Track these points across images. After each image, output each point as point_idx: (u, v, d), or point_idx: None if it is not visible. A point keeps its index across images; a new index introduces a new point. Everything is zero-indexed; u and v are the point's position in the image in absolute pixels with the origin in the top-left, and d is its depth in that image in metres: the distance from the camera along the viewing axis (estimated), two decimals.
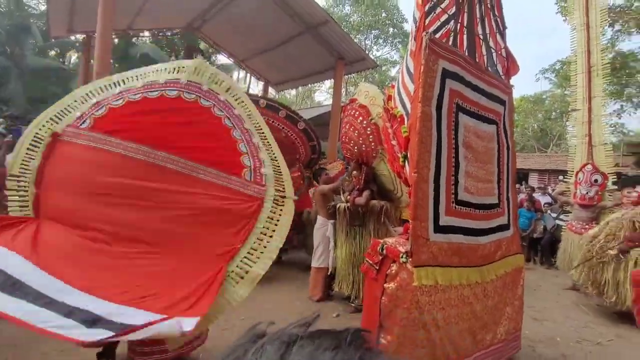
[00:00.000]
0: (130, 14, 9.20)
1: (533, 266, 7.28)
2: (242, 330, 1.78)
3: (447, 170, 2.44)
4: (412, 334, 2.25)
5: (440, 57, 2.41)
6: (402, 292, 2.29)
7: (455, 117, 2.54)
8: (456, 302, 2.46)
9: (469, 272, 2.55)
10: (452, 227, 2.45)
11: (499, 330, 2.80)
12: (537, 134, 24.90)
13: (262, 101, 4.64)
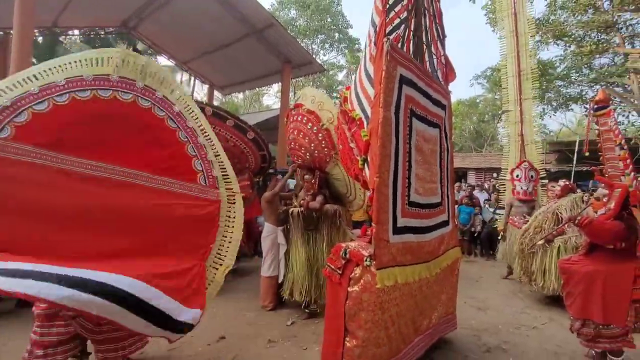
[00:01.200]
0: (54, 10, 8.37)
1: (474, 259, 7.75)
2: (190, 347, 1.62)
3: (402, 174, 2.52)
4: (376, 335, 2.32)
5: (399, 63, 2.48)
6: (367, 295, 2.33)
7: (410, 121, 2.63)
8: (406, 297, 2.59)
9: (420, 269, 2.68)
10: (406, 227, 2.55)
11: (434, 316, 3.02)
12: (472, 135, 26.83)
13: (208, 109, 4.42)
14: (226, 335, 3.42)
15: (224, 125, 4.46)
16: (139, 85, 2.61)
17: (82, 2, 8.09)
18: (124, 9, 9.12)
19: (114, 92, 2.52)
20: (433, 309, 3.02)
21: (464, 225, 7.77)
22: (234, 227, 2.75)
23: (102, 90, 2.48)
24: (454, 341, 3.48)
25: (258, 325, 3.75)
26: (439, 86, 3.17)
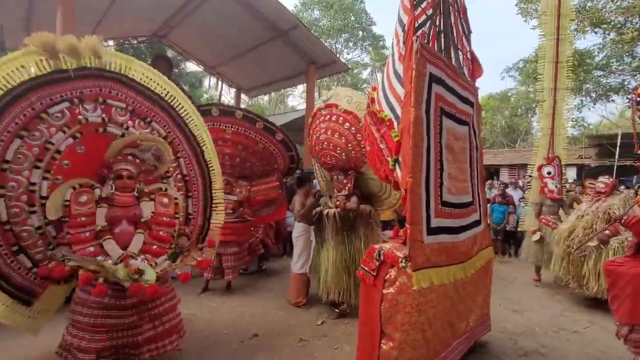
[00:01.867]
0: (91, 24, 8.83)
1: (508, 259, 7.49)
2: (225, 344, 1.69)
3: (434, 173, 2.48)
4: (412, 337, 2.30)
5: (428, 61, 2.44)
6: (403, 297, 2.32)
7: (440, 120, 2.59)
8: (442, 299, 2.55)
9: (455, 270, 2.63)
10: (440, 227, 2.51)
11: (471, 318, 2.96)
12: (504, 130, 25.89)
13: (239, 112, 4.53)
14: (259, 334, 3.50)
15: (254, 128, 4.55)
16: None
17: (116, 15, 8.48)
18: (155, 19, 9.48)
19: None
20: (470, 311, 2.97)
21: (497, 225, 7.53)
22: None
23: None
24: (488, 344, 3.39)
25: (289, 324, 3.81)
26: (466, 83, 3.10)
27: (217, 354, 3.10)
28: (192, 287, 4.60)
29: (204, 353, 3.12)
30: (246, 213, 4.90)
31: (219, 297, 4.56)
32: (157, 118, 3.00)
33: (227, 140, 4.56)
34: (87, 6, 7.19)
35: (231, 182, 4.92)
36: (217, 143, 4.56)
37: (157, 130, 2.99)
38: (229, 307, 4.24)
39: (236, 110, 4.57)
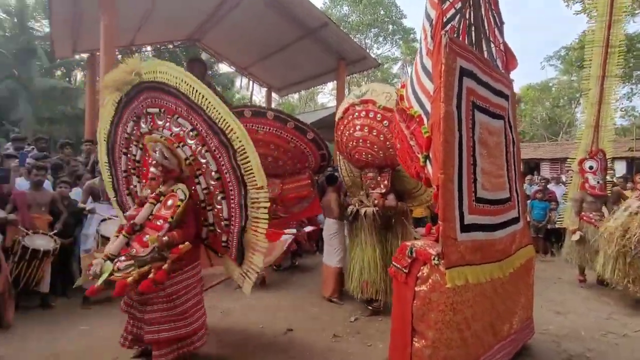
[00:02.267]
0: (131, 31, 9.31)
1: (551, 258, 7.14)
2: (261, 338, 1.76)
3: (467, 169, 2.42)
4: (447, 336, 2.26)
5: (458, 55, 2.38)
6: (436, 295, 2.28)
7: (472, 115, 2.52)
8: (480, 299, 2.48)
9: (492, 268, 2.55)
10: (474, 224, 2.44)
11: (515, 320, 2.84)
12: (545, 122, 24.51)
13: (270, 113, 4.62)
14: (293, 329, 3.58)
15: (285, 128, 4.61)
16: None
17: (153, 22, 8.88)
18: (189, 24, 9.84)
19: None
20: (512, 312, 2.85)
21: (538, 222, 7.19)
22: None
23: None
24: (531, 347, 3.26)
25: (322, 320, 3.85)
26: (500, 75, 2.98)
27: (254, 347, 3.20)
28: (228, 282, 4.76)
29: (240, 345, 3.23)
30: (278, 210, 4.99)
31: (253, 292, 4.65)
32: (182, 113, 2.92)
33: (259, 140, 4.65)
34: (127, 15, 7.58)
35: None
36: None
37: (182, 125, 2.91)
38: (263, 302, 4.35)
39: (268, 111, 4.66)
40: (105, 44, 6.27)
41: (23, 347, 3.08)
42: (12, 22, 16.23)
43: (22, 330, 3.42)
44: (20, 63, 14.92)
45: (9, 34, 15.97)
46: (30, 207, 3.97)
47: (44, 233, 3.90)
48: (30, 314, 3.82)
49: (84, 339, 3.27)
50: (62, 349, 3.07)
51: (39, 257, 3.65)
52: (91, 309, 3.97)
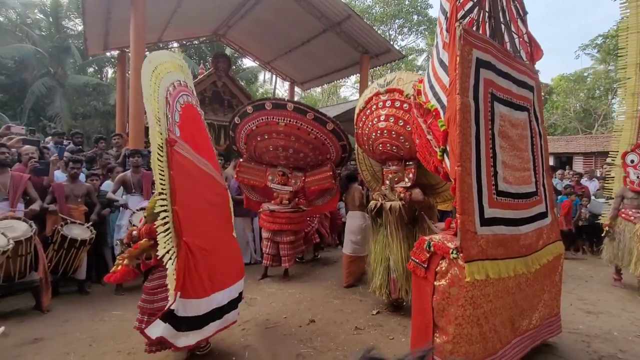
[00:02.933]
0: (159, 28, 9.56)
1: (582, 256, 6.87)
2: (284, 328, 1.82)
3: (486, 162, 2.38)
4: (468, 331, 2.23)
5: (474, 46, 2.35)
6: (456, 289, 2.25)
7: (491, 106, 2.48)
8: (502, 294, 2.43)
9: (515, 263, 2.51)
10: (495, 218, 2.40)
11: (535, 317, 2.78)
12: (579, 114, 23.34)
13: (290, 105, 4.65)
14: (315, 320, 3.63)
15: (305, 119, 4.63)
16: (188, 86, 3.09)
17: (180, 20, 9.08)
18: (214, 20, 10.00)
19: (188, 97, 2.98)
20: (534, 309, 2.79)
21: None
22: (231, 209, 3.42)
23: (188, 96, 2.98)
24: (558, 346, 3.18)
25: (344, 312, 3.89)
26: (523, 67, 2.90)
27: (277, 336, 3.28)
28: (252, 273, 4.89)
29: (265, 333, 3.32)
30: (301, 203, 5.05)
31: (276, 284, 4.78)
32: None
33: (280, 132, 4.69)
34: (156, 13, 7.80)
35: (286, 174, 5.10)
36: (272, 135, 4.73)
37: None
38: (286, 294, 4.43)
39: (287, 103, 4.69)
40: (135, 42, 6.49)
41: (62, 330, 3.29)
42: (48, 21, 17.02)
43: (61, 314, 3.64)
44: (56, 61, 15.65)
45: (45, 33, 16.76)
46: (67, 198, 4.20)
47: (80, 223, 4.12)
48: (68, 299, 4.06)
49: (117, 322, 3.45)
50: (98, 332, 3.25)
51: (77, 246, 3.86)
52: (124, 295, 4.18)
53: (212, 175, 3.04)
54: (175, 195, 2.28)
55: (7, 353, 2.81)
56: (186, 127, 2.70)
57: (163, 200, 2.24)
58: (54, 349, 2.94)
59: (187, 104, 2.89)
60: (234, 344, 3.11)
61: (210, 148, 3.27)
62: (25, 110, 14.43)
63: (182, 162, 2.47)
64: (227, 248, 2.98)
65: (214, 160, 3.24)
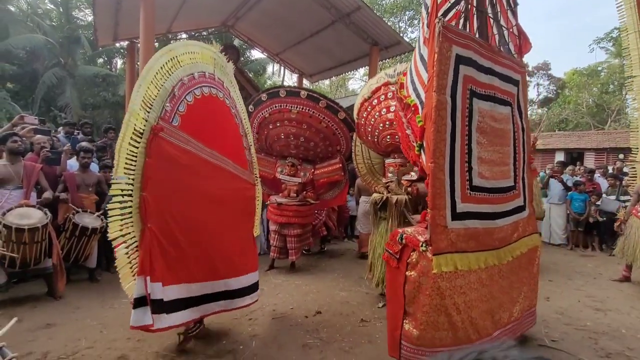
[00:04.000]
0: (168, 19, 9.55)
1: (592, 253, 6.80)
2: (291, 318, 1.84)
3: (460, 158, 2.46)
4: (434, 319, 2.33)
5: (454, 42, 2.38)
6: (425, 279, 2.36)
7: (470, 103, 2.52)
8: (476, 286, 2.50)
9: (487, 256, 2.58)
10: (468, 213, 2.48)
11: (515, 309, 2.83)
12: (592, 109, 22.92)
13: (303, 92, 4.66)
14: (321, 311, 3.66)
15: (317, 107, 4.62)
16: (225, 86, 3.06)
17: (189, 10, 9.05)
18: (222, 11, 9.95)
19: (217, 91, 2.94)
20: (514, 301, 2.83)
21: (579, 215, 6.86)
22: (257, 206, 3.48)
23: (211, 87, 2.88)
24: (565, 342, 3.17)
25: (350, 304, 3.91)
26: (509, 61, 2.89)
27: (284, 326, 3.32)
28: (260, 264, 4.92)
29: (272, 323, 3.36)
30: (309, 196, 5.06)
31: (283, 275, 4.82)
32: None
33: (292, 120, 4.70)
34: (165, 4, 7.79)
35: (296, 165, 5.09)
36: (284, 123, 4.74)
37: None
38: (293, 285, 4.47)
39: (301, 91, 4.70)
40: (144, 32, 6.49)
41: (73, 316, 3.36)
42: (58, 11, 17.11)
43: (72, 300, 3.73)
44: (66, 51, 15.75)
45: (55, 24, 16.86)
46: (78, 187, 4.26)
47: (91, 212, 4.18)
48: (79, 286, 4.14)
49: (126, 310, 3.49)
50: (108, 319, 3.32)
51: (88, 234, 3.93)
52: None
53: (228, 169, 2.97)
54: (147, 182, 2.29)
55: (21, 337, 2.89)
56: (196, 119, 2.67)
57: (127, 185, 2.27)
58: (66, 334, 3.02)
59: (208, 96, 2.81)
60: (241, 332, 3.16)
61: (235, 143, 3.15)
62: (37, 100, 14.59)
63: (171, 152, 2.44)
64: (226, 243, 2.90)
65: (240, 154, 3.17)
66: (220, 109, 2.98)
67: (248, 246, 3.23)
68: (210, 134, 2.80)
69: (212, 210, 2.77)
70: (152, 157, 2.31)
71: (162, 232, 2.40)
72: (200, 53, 2.84)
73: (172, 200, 2.48)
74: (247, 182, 3.25)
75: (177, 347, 2.82)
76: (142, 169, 2.29)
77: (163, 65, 2.48)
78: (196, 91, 2.71)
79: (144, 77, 2.38)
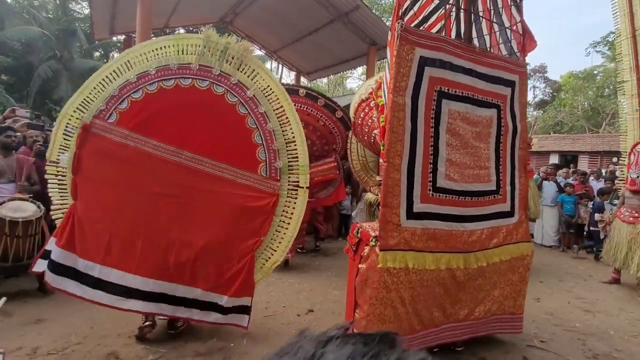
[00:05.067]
0: (166, 14, 9.50)
1: (583, 255, 6.86)
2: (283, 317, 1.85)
3: (422, 159, 2.50)
4: (379, 311, 2.40)
5: (417, 45, 2.42)
6: (372, 273, 2.42)
7: (437, 104, 2.54)
8: (429, 283, 2.55)
9: (450, 258, 2.60)
10: (428, 213, 2.52)
11: (478, 309, 2.84)
12: (587, 113, 23.09)
13: (302, 90, 4.67)
14: (314, 309, 3.67)
15: (315, 105, 4.63)
16: (215, 72, 2.75)
17: (187, 5, 9.01)
18: (221, 7, 9.91)
19: (193, 81, 2.74)
20: (477, 302, 2.84)
21: (570, 217, 6.92)
22: (289, 224, 2.70)
23: (183, 78, 2.74)
24: (553, 343, 3.21)
25: (343, 303, 3.89)
26: (500, 61, 2.86)
27: (275, 325, 3.33)
28: None
29: (264, 322, 3.37)
30: None
31: (276, 273, 4.81)
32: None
33: None
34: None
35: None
36: None
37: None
38: (286, 283, 4.48)
39: (299, 89, 4.69)
40: (141, 27, 6.45)
41: (63, 312, 3.35)
42: (55, 4, 16.95)
43: (63, 296, 3.68)
44: (62, 44, 15.60)
45: (51, 16, 16.71)
46: None
47: None
48: None
49: None
50: (98, 315, 3.30)
51: None
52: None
53: (185, 165, 2.65)
54: (76, 168, 2.64)
55: (11, 332, 2.88)
56: (144, 113, 2.68)
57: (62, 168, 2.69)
58: (56, 329, 3.01)
59: (173, 88, 2.70)
60: (232, 330, 3.16)
61: (224, 137, 2.75)
62: (31, 93, 14.46)
63: (103, 145, 2.65)
64: (179, 247, 2.63)
65: (239, 152, 2.74)
66: (197, 100, 2.72)
67: (230, 266, 2.65)
68: (168, 127, 2.66)
69: (158, 206, 2.62)
70: (80, 149, 2.63)
71: (84, 212, 2.63)
72: (174, 46, 2.76)
73: (101, 188, 2.66)
74: (246, 187, 2.68)
75: (137, 334, 2.88)
76: (72, 158, 2.64)
77: (111, 72, 2.73)
78: (149, 87, 2.69)
79: (85, 86, 2.73)
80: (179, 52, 2.77)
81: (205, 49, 2.77)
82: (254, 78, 2.82)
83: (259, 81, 2.82)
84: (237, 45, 2.83)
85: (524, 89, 3.08)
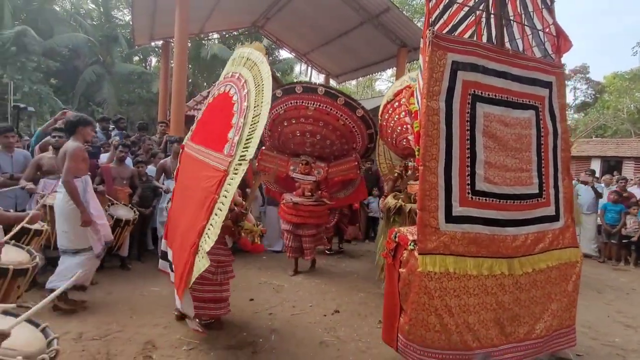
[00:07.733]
0: (201, 20, 9.88)
1: (626, 267, 6.48)
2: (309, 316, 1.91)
3: (460, 162, 2.48)
4: (422, 317, 2.36)
5: (449, 50, 2.44)
6: (412, 277, 2.40)
7: (471, 107, 2.54)
8: (476, 291, 2.47)
9: (492, 263, 2.52)
10: (468, 217, 2.48)
11: (539, 326, 2.69)
12: (633, 115, 21.69)
13: (321, 88, 4.64)
14: (339, 310, 3.71)
15: (335, 104, 4.58)
16: (233, 74, 3.14)
17: (221, 11, 9.35)
18: (253, 12, 10.19)
19: (226, 86, 3.14)
20: (536, 318, 2.68)
21: (611, 227, 6.55)
22: (223, 205, 2.23)
23: (225, 85, 3.19)
24: (590, 357, 3.07)
25: (368, 305, 3.93)
26: (535, 62, 2.82)
27: (302, 323, 3.39)
28: (283, 262, 5.05)
29: (291, 320, 3.45)
30: (324, 196, 4.90)
31: (303, 274, 4.89)
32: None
33: (309, 117, 4.63)
34: (198, 5, 8.06)
35: (310, 163, 4.96)
36: (300, 120, 4.69)
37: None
38: (313, 283, 4.54)
39: (318, 87, 4.67)
40: (178, 32, 6.77)
41: (105, 299, 3.58)
42: (99, 11, 18.00)
43: (105, 286, 3.95)
44: (105, 49, 16.54)
45: (96, 23, 17.74)
46: (114, 180, 4.51)
47: (125, 204, 4.41)
48: (111, 273, 4.38)
49: (155, 298, 3.71)
50: (137, 305, 3.50)
51: (121, 225, 4.14)
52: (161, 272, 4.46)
53: (200, 159, 2.88)
54: (176, 177, 3.52)
55: (58, 319, 3.10)
56: (206, 118, 3.27)
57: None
58: (99, 317, 3.21)
59: (222, 94, 3.13)
60: (261, 326, 3.26)
61: (220, 124, 2.76)
62: (77, 96, 15.43)
63: (182, 156, 3.42)
64: (180, 224, 2.93)
65: (224, 135, 2.57)
66: (222, 102, 3.09)
67: (185, 255, 2.42)
68: (206, 128, 3.22)
69: (184, 194, 3.15)
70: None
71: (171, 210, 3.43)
72: (231, 61, 3.39)
73: (176, 187, 3.47)
74: (212, 168, 2.52)
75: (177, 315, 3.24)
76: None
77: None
78: (209, 99, 3.21)
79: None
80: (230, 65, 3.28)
81: (234, 61, 3.24)
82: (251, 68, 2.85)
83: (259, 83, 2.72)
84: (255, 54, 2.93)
85: (562, 89, 3.02)
